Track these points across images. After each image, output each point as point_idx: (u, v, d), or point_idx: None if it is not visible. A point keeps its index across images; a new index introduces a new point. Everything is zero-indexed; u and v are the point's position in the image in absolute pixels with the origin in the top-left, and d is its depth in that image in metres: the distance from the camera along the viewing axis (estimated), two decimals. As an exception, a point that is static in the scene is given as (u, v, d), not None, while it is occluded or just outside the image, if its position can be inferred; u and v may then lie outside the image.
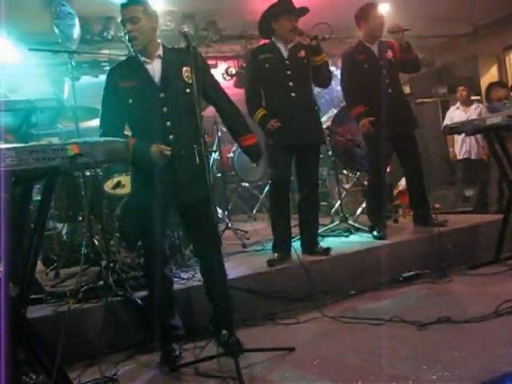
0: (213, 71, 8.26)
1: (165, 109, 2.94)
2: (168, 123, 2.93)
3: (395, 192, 6.53)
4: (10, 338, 2.19)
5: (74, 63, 4.19)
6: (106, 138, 2.44)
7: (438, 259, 4.07)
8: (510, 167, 4.17)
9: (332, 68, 5.38)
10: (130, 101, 2.93)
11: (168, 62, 3.02)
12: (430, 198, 4.89)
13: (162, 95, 2.95)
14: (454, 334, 2.81)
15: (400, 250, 4.22)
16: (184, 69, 2.97)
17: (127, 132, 3.13)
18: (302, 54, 4.08)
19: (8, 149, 1.97)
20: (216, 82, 3.23)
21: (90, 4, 5.82)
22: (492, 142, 4.17)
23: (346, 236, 4.87)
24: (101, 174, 4.29)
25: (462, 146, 7.16)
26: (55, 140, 4.35)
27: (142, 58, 3.00)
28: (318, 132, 4.19)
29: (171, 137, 2.93)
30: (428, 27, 7.28)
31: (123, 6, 2.93)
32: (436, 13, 7.23)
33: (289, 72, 4.04)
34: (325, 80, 4.27)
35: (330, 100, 7.15)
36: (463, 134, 6.67)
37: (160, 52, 3.02)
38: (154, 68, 2.99)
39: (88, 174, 4.17)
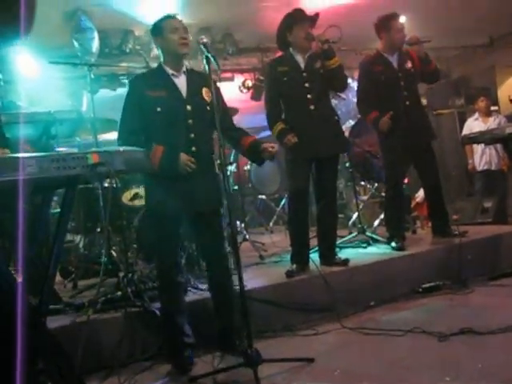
0: (229, 84, 8.35)
1: (190, 121, 3.04)
2: (192, 135, 3.03)
3: (413, 203, 6.48)
4: (29, 347, 2.19)
5: (92, 76, 4.23)
6: (126, 148, 2.45)
7: (458, 270, 4.03)
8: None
9: (348, 80, 5.37)
10: (159, 109, 3.00)
11: (192, 79, 3.14)
12: (448, 210, 4.85)
13: (188, 108, 3.05)
14: (477, 345, 2.77)
15: (419, 261, 4.18)
16: (204, 89, 3.10)
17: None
18: (319, 64, 4.06)
19: (29, 157, 1.98)
20: (225, 104, 3.31)
21: (108, 18, 5.90)
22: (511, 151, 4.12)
23: (364, 247, 4.83)
24: (119, 185, 4.31)
25: (482, 157, 7.08)
26: (74, 152, 4.38)
27: (170, 71, 3.10)
28: (337, 143, 4.15)
29: (194, 148, 3.02)
30: (445, 38, 7.25)
31: (173, 16, 3.11)
32: (453, 24, 7.20)
33: (307, 84, 4.03)
34: (340, 84, 4.23)
35: (346, 112, 7.14)
36: (483, 145, 6.66)
37: (185, 68, 3.15)
38: (181, 82, 3.11)
39: (106, 185, 4.21)
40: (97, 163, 2.18)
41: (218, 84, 3.41)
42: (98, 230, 4.59)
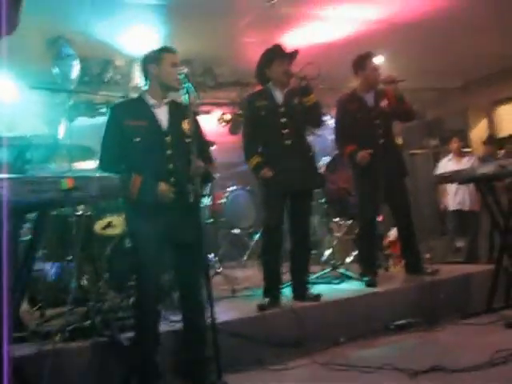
0: (208, 117, 8.37)
1: (169, 152, 3.06)
2: (170, 165, 3.05)
3: (386, 241, 6.52)
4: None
5: (71, 103, 4.22)
6: (102, 174, 2.45)
7: (429, 308, 4.05)
8: (501, 217, 4.19)
9: (325, 117, 5.44)
10: (138, 139, 3.02)
11: (173, 110, 3.17)
12: (420, 249, 4.90)
13: (167, 139, 3.08)
14: (447, 382, 2.76)
15: (391, 298, 4.18)
16: (185, 121, 3.13)
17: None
18: (296, 100, 4.11)
19: (2, 179, 1.96)
20: (204, 136, 3.37)
21: (89, 46, 5.93)
22: (483, 192, 4.20)
23: (337, 283, 4.83)
24: (92, 213, 4.26)
25: (455, 198, 7.19)
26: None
27: (151, 101, 3.13)
28: (312, 178, 4.19)
29: (172, 179, 3.03)
30: (420, 80, 7.44)
31: (175, 51, 3.19)
32: (427, 67, 7.40)
33: (283, 120, 4.07)
34: (316, 120, 4.29)
35: (322, 149, 7.19)
36: (455, 186, 6.78)
37: (167, 100, 3.18)
38: (162, 113, 3.14)
39: (80, 213, 4.17)
40: (71, 188, 2.17)
41: (197, 117, 3.43)
42: (69, 258, 4.51)
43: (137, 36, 5.78)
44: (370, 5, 5.83)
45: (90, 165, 4.93)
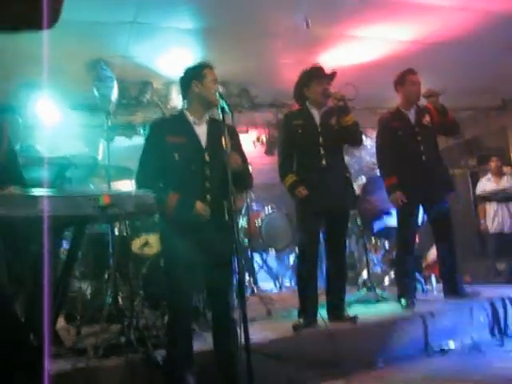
0: (243, 137, 8.43)
1: (207, 171, 3.07)
2: (207, 184, 3.06)
3: (424, 264, 6.41)
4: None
5: (109, 123, 4.32)
6: (137, 192, 2.49)
7: (469, 331, 3.94)
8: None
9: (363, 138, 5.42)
10: (176, 156, 3.03)
11: (212, 128, 3.17)
12: (460, 270, 4.79)
13: (207, 158, 3.08)
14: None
15: (429, 321, 4.08)
16: (223, 138, 3.09)
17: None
18: (334, 120, 4.11)
19: (42, 195, 2.01)
20: (243, 153, 3.32)
21: (128, 68, 6.05)
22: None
23: (374, 305, 4.76)
24: (128, 232, 4.32)
25: (494, 219, 7.04)
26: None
27: (192, 119, 3.14)
28: (347, 200, 4.15)
29: (208, 197, 3.03)
30: (457, 100, 7.34)
31: (213, 67, 3.21)
32: (465, 85, 7.31)
33: (321, 139, 4.07)
34: (355, 140, 4.26)
35: (359, 169, 7.17)
36: (495, 208, 6.64)
37: (207, 117, 3.18)
38: (201, 131, 3.14)
39: (116, 232, 4.23)
40: (108, 204, 2.21)
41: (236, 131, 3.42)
42: (106, 276, 4.57)
43: (174, 59, 5.88)
44: (405, 25, 5.81)
45: (127, 184, 5.02)
